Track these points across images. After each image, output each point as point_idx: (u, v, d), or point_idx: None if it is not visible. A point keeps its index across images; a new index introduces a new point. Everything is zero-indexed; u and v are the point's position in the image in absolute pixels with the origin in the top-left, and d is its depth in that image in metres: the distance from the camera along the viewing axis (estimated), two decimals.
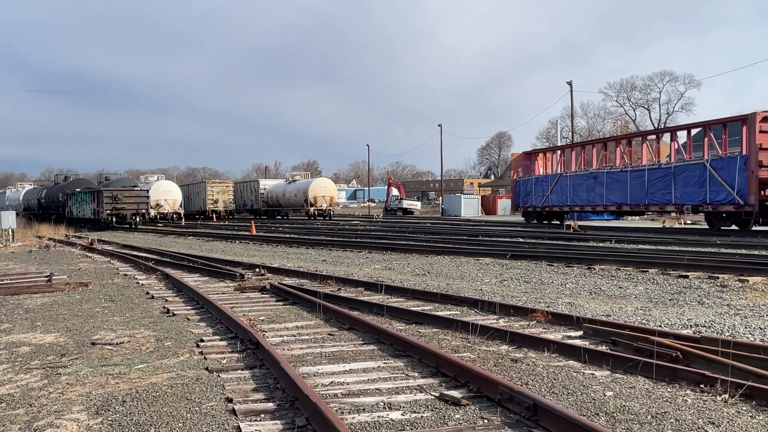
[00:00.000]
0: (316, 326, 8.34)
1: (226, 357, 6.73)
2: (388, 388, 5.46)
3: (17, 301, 11.24)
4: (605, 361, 6.03)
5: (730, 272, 12.30)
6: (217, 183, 64.88)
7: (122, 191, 43.95)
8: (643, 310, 9.13)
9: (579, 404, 4.96)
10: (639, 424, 4.49)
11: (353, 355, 6.73)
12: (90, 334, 8.17)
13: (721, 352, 5.87)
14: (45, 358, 6.95)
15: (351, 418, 4.71)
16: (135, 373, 6.18)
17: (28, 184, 79.60)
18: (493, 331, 7.34)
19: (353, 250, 20.80)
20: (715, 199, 24.86)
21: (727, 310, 9.01)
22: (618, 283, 11.95)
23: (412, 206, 70.85)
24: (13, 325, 8.94)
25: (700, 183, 25.47)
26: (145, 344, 7.50)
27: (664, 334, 6.80)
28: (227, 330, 8.06)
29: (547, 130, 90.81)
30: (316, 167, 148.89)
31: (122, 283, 13.52)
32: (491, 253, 17.38)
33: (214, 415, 4.87)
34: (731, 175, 24.21)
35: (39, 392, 5.62)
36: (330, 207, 52.97)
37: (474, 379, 5.34)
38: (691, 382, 5.33)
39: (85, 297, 11.54)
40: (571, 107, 54.55)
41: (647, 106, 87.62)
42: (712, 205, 25.11)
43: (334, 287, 11.69)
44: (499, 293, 10.89)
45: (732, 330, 7.54)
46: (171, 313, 9.58)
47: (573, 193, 33.15)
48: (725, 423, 4.46)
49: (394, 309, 9.05)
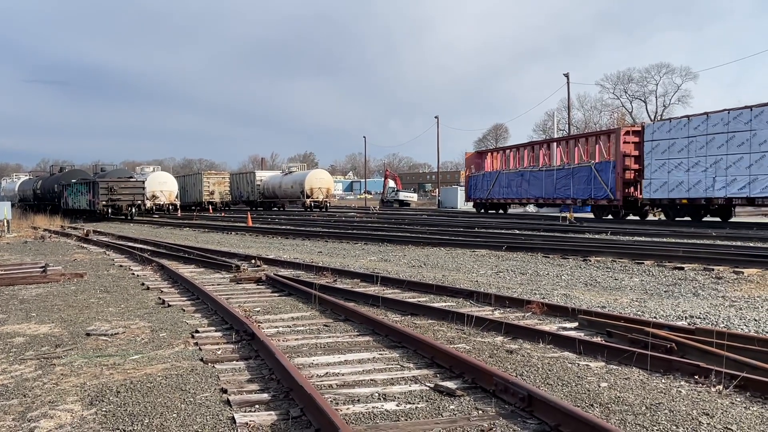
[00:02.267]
0: (311, 317, 8.33)
1: (221, 348, 6.72)
2: (383, 379, 5.46)
3: (12, 291, 11.20)
4: (600, 353, 6.04)
5: (725, 264, 12.34)
6: (213, 174, 64.71)
7: (118, 182, 43.77)
8: (638, 301, 9.15)
9: (574, 395, 4.97)
10: (633, 415, 4.49)
11: (348, 346, 6.73)
12: (85, 324, 8.16)
13: (715, 343, 5.89)
14: (39, 348, 6.94)
15: (345, 409, 4.71)
16: (130, 364, 6.16)
17: (23, 175, 79.34)
18: (489, 322, 7.35)
19: (349, 242, 20.79)
20: (597, 195, 31.66)
21: (722, 302, 9.03)
22: (613, 275, 11.97)
23: (408, 198, 70.83)
24: (7, 316, 8.91)
25: (588, 182, 32.11)
26: (140, 335, 7.48)
27: (659, 326, 6.82)
28: (222, 321, 8.06)
29: (544, 122, 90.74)
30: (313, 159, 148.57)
31: (117, 274, 13.49)
32: (487, 245, 17.39)
33: (209, 405, 4.87)
34: (606, 176, 30.83)
35: (33, 383, 5.61)
36: (326, 199, 52.88)
37: (469, 370, 5.34)
38: (686, 374, 5.35)
39: (80, 288, 11.51)
40: (568, 99, 54.51)
41: (644, 99, 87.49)
42: (594, 199, 31.99)
43: (330, 279, 11.68)
44: (495, 285, 10.89)
45: (727, 321, 7.56)
46: (166, 304, 9.56)
47: (508, 187, 39.41)
48: (719, 414, 4.48)
49: (390, 300, 9.05)
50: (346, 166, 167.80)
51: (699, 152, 25.96)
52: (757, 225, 24.31)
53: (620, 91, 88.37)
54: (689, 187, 26.37)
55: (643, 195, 28.80)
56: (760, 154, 23.59)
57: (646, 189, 28.34)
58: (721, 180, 25.13)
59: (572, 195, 33.38)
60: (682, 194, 26.74)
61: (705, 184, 25.76)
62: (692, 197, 26.37)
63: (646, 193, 28.35)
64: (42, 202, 56.12)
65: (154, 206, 47.97)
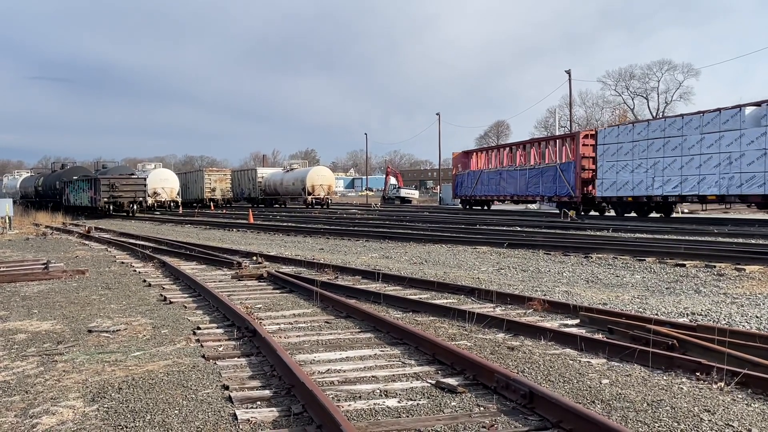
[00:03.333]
0: (313, 314, 8.34)
1: (222, 344, 6.72)
2: (385, 376, 5.46)
3: (14, 288, 11.22)
4: (601, 349, 6.04)
5: (726, 261, 12.32)
6: (214, 171, 64.83)
7: (119, 179, 43.82)
8: (639, 298, 9.14)
9: (575, 392, 4.97)
10: (635, 412, 4.49)
11: (350, 343, 6.73)
12: (86, 321, 8.17)
13: (717, 340, 5.89)
14: (41, 345, 6.95)
15: (347, 406, 4.72)
16: (131, 361, 6.17)
17: (25, 172, 79.40)
18: (490, 319, 7.35)
19: (350, 239, 20.79)
20: (561, 192, 34.71)
21: (724, 299, 9.03)
22: (615, 272, 11.97)
23: (410, 195, 70.75)
24: (9, 313, 8.93)
25: (554, 180, 35.11)
26: (142, 332, 7.49)
27: (660, 323, 6.81)
28: (224, 318, 8.06)
29: (545, 119, 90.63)
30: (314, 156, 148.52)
31: (119, 271, 13.50)
32: (488, 242, 17.39)
33: (210, 402, 4.87)
34: (569, 176, 33.89)
35: (35, 379, 5.62)
36: (328, 196, 52.89)
37: (470, 366, 5.34)
38: (687, 370, 5.34)
39: (81, 285, 11.53)
40: (569, 96, 54.41)
41: (646, 95, 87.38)
42: (558, 196, 34.91)
43: (332, 275, 11.68)
44: (496, 282, 10.89)
45: (728, 318, 7.56)
46: (168, 300, 9.57)
47: (489, 185, 42.74)
48: (721, 411, 4.47)
49: (391, 297, 9.05)
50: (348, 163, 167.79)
51: (641, 155, 28.87)
52: (759, 222, 24.29)
53: (622, 88, 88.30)
54: (633, 186, 29.24)
55: (596, 193, 31.96)
56: (689, 157, 26.47)
57: (599, 188, 31.45)
58: (659, 180, 27.96)
59: (541, 192, 36.71)
60: (627, 192, 29.66)
61: (646, 183, 28.59)
62: (636, 195, 29.22)
63: (599, 191, 31.49)
64: (44, 199, 56.18)
65: (155, 203, 48.02)
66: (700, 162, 25.92)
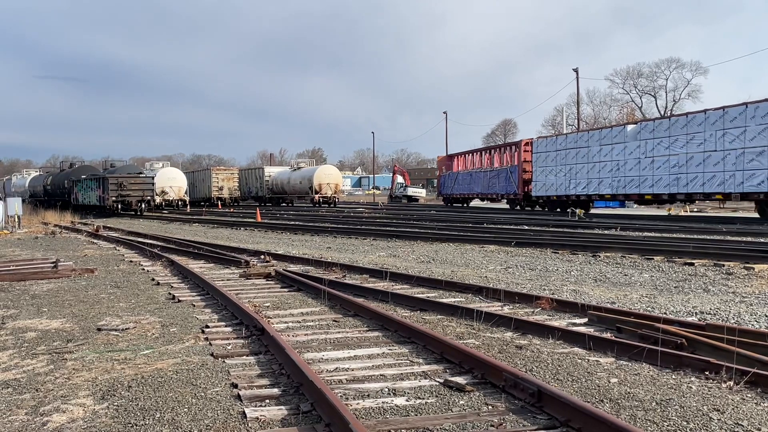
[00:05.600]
0: (321, 313, 8.36)
1: (231, 343, 6.75)
2: (393, 375, 5.47)
3: (23, 287, 11.29)
4: (610, 348, 6.03)
5: (735, 260, 12.26)
6: (222, 170, 64.92)
7: (128, 178, 44.00)
8: (648, 297, 9.11)
9: (583, 391, 4.96)
10: (644, 411, 4.48)
11: (358, 341, 6.74)
12: (96, 320, 8.21)
13: (726, 339, 5.86)
14: (51, 343, 6.99)
15: (356, 404, 4.73)
16: (141, 359, 6.20)
17: (33, 171, 79.84)
18: (498, 318, 7.34)
19: (358, 238, 20.81)
20: (509, 191, 41.26)
21: (733, 298, 8.99)
22: (623, 271, 11.93)
23: (417, 194, 70.65)
24: (19, 311, 8.99)
25: (506, 180, 41.47)
26: (151, 330, 7.53)
27: (669, 322, 6.79)
28: (232, 316, 8.09)
29: (553, 117, 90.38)
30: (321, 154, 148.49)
31: (128, 270, 13.56)
32: (496, 241, 17.37)
33: (219, 400, 4.89)
34: (515, 177, 40.26)
35: (45, 377, 5.66)
36: (335, 194, 52.93)
37: (478, 365, 5.34)
38: (696, 370, 5.33)
39: (90, 283, 11.59)
40: (577, 94, 54.22)
41: (654, 94, 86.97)
42: (508, 194, 41.60)
43: (339, 274, 11.70)
44: (504, 280, 10.88)
45: (737, 317, 7.52)
46: (176, 299, 9.61)
47: (463, 185, 48.86)
48: (730, 410, 4.46)
49: (399, 296, 9.06)
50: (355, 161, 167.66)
51: (561, 162, 35.11)
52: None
53: (630, 86, 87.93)
54: (557, 187, 35.53)
55: (533, 192, 38.13)
56: (592, 164, 32.69)
57: (534, 188, 37.74)
58: (573, 183, 34.29)
59: (497, 191, 43.05)
60: (553, 192, 36.01)
61: (564, 185, 34.91)
62: (558, 194, 35.55)
63: (534, 191, 37.79)
64: (52, 198, 56.48)
65: (163, 202, 48.18)
66: (599, 168, 32.20)
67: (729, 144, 25.23)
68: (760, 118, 23.93)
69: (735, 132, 25.04)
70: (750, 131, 24.38)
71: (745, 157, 24.52)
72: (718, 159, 25.69)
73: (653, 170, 28.80)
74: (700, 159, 26.53)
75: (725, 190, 25.61)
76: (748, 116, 24.46)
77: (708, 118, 26.25)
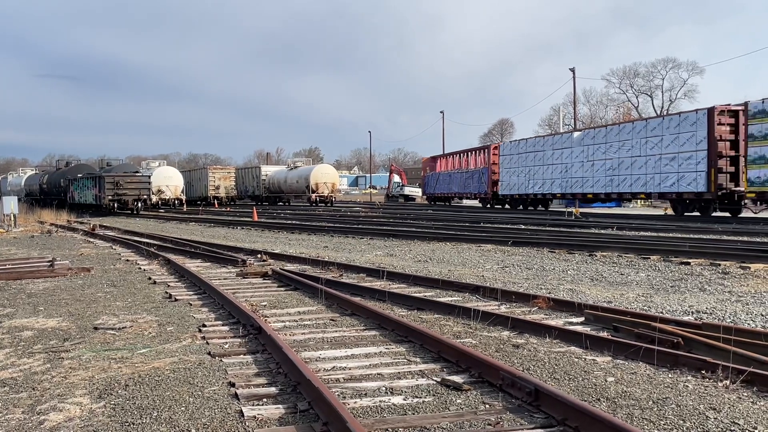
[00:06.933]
0: (318, 312, 8.36)
1: (228, 342, 6.74)
2: (390, 374, 5.48)
3: (20, 285, 11.26)
4: (607, 347, 6.04)
5: (731, 259, 12.30)
6: (218, 169, 64.80)
7: (124, 177, 43.89)
8: (644, 296, 9.13)
9: (580, 390, 4.97)
10: (640, 410, 4.50)
11: (355, 340, 6.75)
12: (92, 318, 8.20)
13: (722, 338, 5.88)
14: (47, 342, 6.98)
15: (353, 403, 4.73)
16: (137, 358, 6.20)
17: (29, 170, 79.62)
18: (495, 317, 7.35)
19: (355, 237, 20.81)
20: (481, 190, 45.38)
21: (729, 297, 9.01)
22: (619, 270, 11.96)
23: (413, 193, 70.60)
24: (15, 310, 8.97)
25: (479, 180, 45.64)
26: (148, 329, 7.52)
27: (665, 321, 6.81)
28: (229, 315, 8.08)
29: (549, 117, 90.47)
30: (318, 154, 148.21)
31: (124, 269, 13.54)
32: (493, 240, 17.38)
33: (217, 399, 4.89)
34: (485, 177, 44.49)
35: (42, 376, 5.65)
36: (332, 193, 52.93)
37: (475, 364, 5.35)
38: (693, 369, 5.34)
39: (87, 282, 11.57)
40: (574, 94, 54.37)
41: (650, 93, 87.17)
42: (480, 193, 45.77)
43: (336, 273, 11.70)
44: (501, 280, 10.89)
45: (733, 317, 7.55)
46: (173, 298, 9.60)
47: (443, 185, 52.94)
48: (726, 409, 4.47)
49: (396, 295, 9.06)
50: (351, 160, 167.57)
51: (522, 164, 39.31)
52: (764, 221, 24.23)
53: (626, 86, 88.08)
54: (518, 187, 39.74)
55: (500, 191, 42.39)
56: (546, 166, 36.96)
57: (501, 188, 42.17)
58: (531, 183, 38.35)
59: (471, 190, 47.10)
60: (515, 191, 40.30)
61: (525, 185, 39.04)
62: (520, 193, 39.86)
63: (501, 190, 42.22)
64: (48, 197, 56.35)
65: (159, 201, 48.10)
66: (552, 170, 36.36)
67: (650, 150, 29.35)
68: (673, 128, 27.84)
69: (654, 140, 29.13)
70: (665, 140, 28.44)
71: (662, 162, 28.55)
72: (642, 163, 29.80)
73: (593, 172, 33.08)
74: (628, 163, 30.63)
75: (647, 190, 29.95)
76: (664, 127, 28.60)
77: (635, 128, 30.58)
